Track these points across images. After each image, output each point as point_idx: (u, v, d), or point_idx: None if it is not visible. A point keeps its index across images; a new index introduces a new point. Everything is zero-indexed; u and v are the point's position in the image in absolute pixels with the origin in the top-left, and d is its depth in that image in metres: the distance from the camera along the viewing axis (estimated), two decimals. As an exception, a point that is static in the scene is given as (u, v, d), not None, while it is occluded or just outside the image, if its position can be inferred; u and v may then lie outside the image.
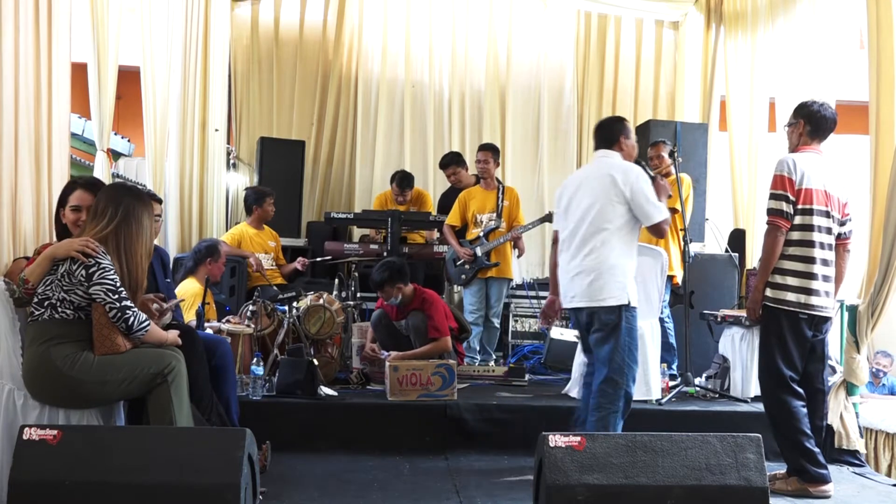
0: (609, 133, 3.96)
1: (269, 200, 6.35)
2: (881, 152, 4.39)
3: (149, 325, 3.17)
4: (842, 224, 3.80)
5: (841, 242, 3.81)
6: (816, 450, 3.67)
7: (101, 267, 3.05)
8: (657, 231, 3.86)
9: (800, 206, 3.68)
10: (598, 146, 3.99)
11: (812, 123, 3.80)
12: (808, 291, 3.66)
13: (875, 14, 4.47)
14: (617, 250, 3.74)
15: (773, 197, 3.71)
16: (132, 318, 3.09)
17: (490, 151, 6.22)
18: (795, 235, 3.69)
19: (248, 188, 6.91)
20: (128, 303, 3.09)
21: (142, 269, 3.22)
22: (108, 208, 3.19)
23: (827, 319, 3.76)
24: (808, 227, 3.68)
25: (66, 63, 4.18)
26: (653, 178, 4.07)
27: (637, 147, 4.05)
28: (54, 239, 3.65)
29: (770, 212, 3.72)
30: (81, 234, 3.21)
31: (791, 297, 3.68)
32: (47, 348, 3.04)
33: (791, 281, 3.68)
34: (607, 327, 3.72)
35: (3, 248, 3.56)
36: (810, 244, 3.68)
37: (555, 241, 4.05)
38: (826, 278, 3.71)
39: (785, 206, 3.67)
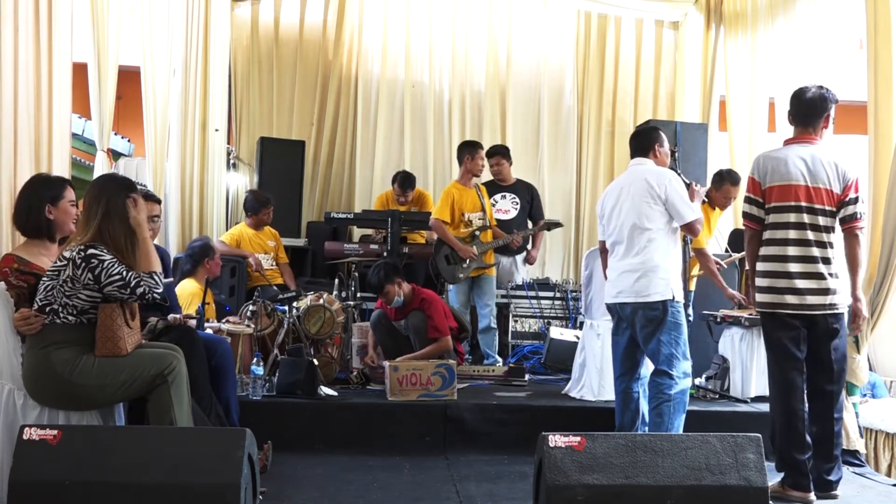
0: (645, 142, 4.20)
1: (265, 210, 6.33)
2: (879, 152, 4.39)
3: (159, 286, 3.13)
4: (841, 208, 3.59)
5: (846, 227, 3.61)
6: (803, 459, 3.56)
7: (103, 265, 3.04)
8: (690, 230, 4.09)
9: (774, 204, 3.61)
10: (633, 154, 4.23)
11: (793, 111, 3.74)
12: (780, 290, 3.58)
13: (873, 14, 4.48)
14: (661, 249, 3.97)
15: (744, 199, 3.77)
16: (146, 290, 3.07)
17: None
18: (767, 234, 3.65)
19: (248, 192, 6.89)
20: (136, 282, 3.05)
21: (130, 252, 3.16)
22: (92, 205, 3.16)
23: (824, 319, 3.59)
24: (784, 225, 3.60)
25: (67, 63, 4.19)
26: (687, 185, 4.28)
27: (670, 155, 4.30)
28: (7, 240, 3.62)
29: (742, 215, 3.78)
30: (76, 231, 3.21)
31: (763, 297, 3.65)
32: (47, 353, 3.03)
33: (762, 282, 3.65)
34: (652, 322, 3.93)
35: (2, 249, 3.56)
36: (784, 242, 3.59)
37: (602, 250, 4.31)
38: (810, 276, 3.55)
39: (747, 208, 3.71)
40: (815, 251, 3.60)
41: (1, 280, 3.19)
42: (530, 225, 6.55)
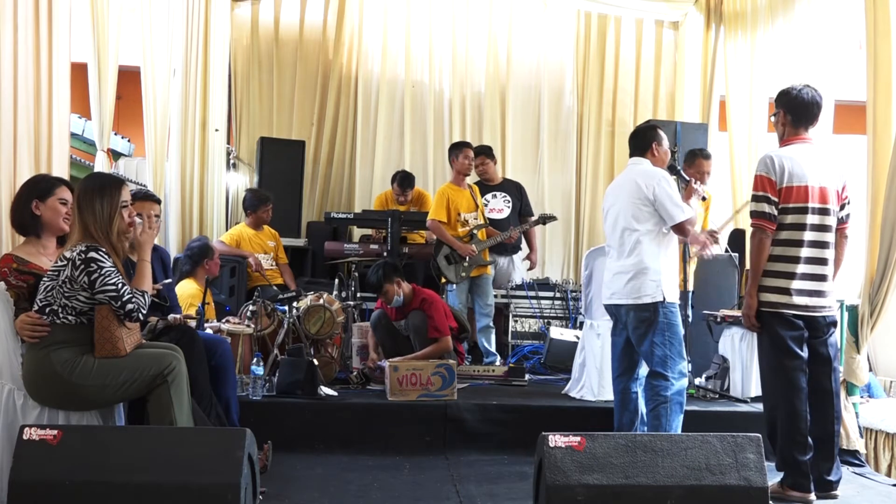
0: (642, 141, 4.18)
1: (264, 208, 6.33)
2: (878, 152, 4.39)
3: (145, 308, 3.15)
4: (841, 209, 3.66)
5: (839, 228, 3.68)
6: (804, 459, 3.56)
7: (102, 273, 3.04)
8: (680, 230, 4.02)
9: (789, 205, 3.57)
10: (631, 154, 4.21)
11: (792, 111, 3.68)
12: (788, 291, 3.56)
13: (872, 14, 4.47)
14: (651, 251, 3.95)
15: (754, 199, 3.64)
16: (134, 308, 3.08)
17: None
18: (783, 235, 3.59)
19: (247, 190, 6.90)
20: (127, 298, 3.07)
21: (117, 250, 3.18)
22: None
23: (823, 320, 3.62)
24: (800, 227, 3.57)
25: (66, 63, 4.18)
26: (686, 182, 4.30)
27: (670, 153, 4.24)
28: (7, 240, 3.61)
29: (752, 214, 3.64)
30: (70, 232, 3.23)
31: (770, 297, 3.60)
32: (47, 353, 3.03)
33: (769, 282, 3.60)
34: (644, 323, 3.93)
35: (2, 249, 3.56)
36: (798, 244, 3.57)
37: None
38: (816, 277, 3.59)
39: (767, 208, 3.59)
40: (823, 253, 3.62)
41: (0, 280, 3.19)
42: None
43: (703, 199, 4.45)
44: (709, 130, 7.03)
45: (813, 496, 3.58)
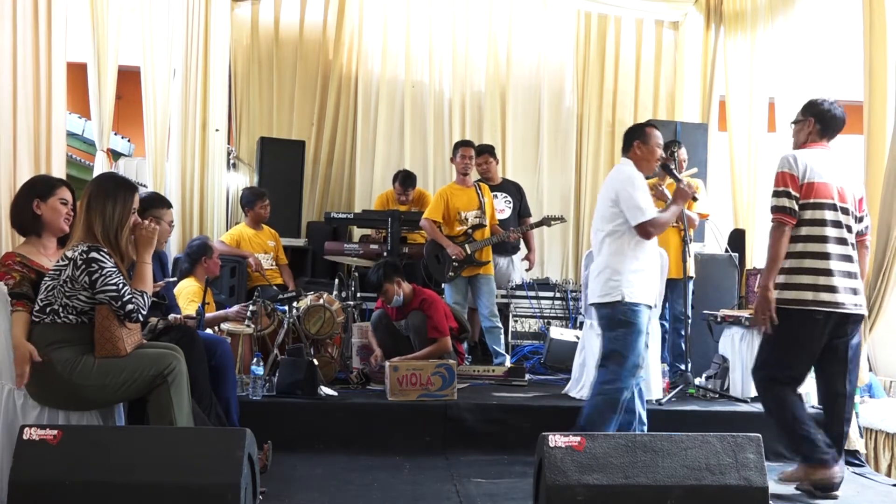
0: (625, 141, 4.17)
1: (260, 203, 6.32)
2: (874, 152, 4.41)
3: (145, 309, 3.15)
4: (859, 220, 3.71)
5: (859, 239, 3.72)
6: (816, 435, 3.56)
7: (102, 273, 3.04)
8: (642, 232, 3.94)
9: (808, 201, 3.60)
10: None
11: (822, 122, 3.73)
12: (829, 289, 3.56)
13: (869, 15, 4.48)
14: (612, 250, 3.98)
15: (775, 194, 3.66)
16: (134, 309, 3.09)
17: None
18: (804, 231, 3.61)
19: (243, 189, 6.91)
20: (128, 298, 3.08)
21: (121, 254, 3.18)
22: (81, 201, 3.20)
23: (851, 318, 3.61)
24: (820, 222, 3.60)
25: (62, 63, 4.18)
26: (678, 181, 4.28)
27: (657, 150, 4.08)
28: (7, 240, 3.60)
29: (773, 209, 3.66)
30: (72, 228, 3.23)
31: (808, 295, 3.58)
32: (47, 353, 3.03)
33: (805, 279, 3.59)
34: (603, 321, 4.02)
35: (1, 248, 3.56)
36: (822, 239, 3.59)
37: None
38: (848, 274, 3.60)
39: (787, 203, 3.61)
40: (850, 251, 3.65)
41: (4, 276, 3.19)
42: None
43: (695, 199, 4.43)
44: (709, 130, 7.04)
45: (836, 472, 3.55)
